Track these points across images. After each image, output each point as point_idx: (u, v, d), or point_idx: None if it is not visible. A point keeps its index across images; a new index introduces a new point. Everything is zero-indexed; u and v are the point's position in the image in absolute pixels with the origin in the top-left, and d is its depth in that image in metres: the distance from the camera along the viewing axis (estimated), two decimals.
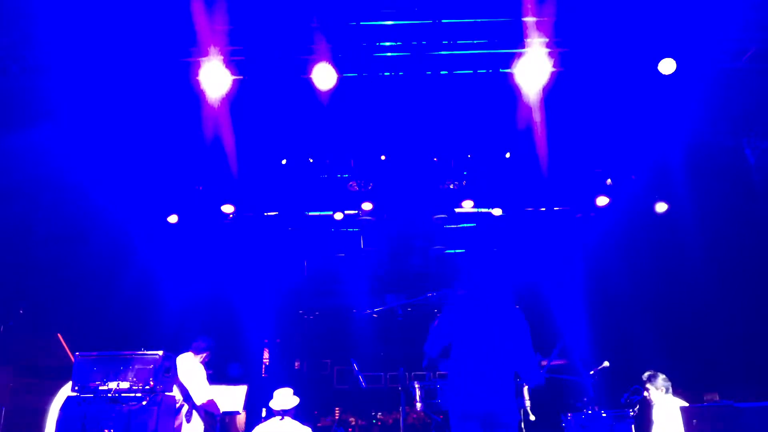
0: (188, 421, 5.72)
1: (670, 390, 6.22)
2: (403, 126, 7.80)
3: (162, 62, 6.51)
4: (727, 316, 8.18)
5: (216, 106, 6.63)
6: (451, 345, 4.39)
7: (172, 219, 9.67)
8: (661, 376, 6.25)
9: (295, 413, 6.02)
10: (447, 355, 4.44)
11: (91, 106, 7.05)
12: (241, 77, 6.64)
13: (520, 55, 6.36)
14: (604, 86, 6.98)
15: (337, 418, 12.54)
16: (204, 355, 6.10)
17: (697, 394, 8.62)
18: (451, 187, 9.44)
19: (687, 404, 5.74)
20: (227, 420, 7.90)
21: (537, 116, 7.05)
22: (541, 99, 6.76)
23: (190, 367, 5.84)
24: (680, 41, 6.35)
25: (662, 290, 9.44)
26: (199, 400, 5.75)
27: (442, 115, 7.63)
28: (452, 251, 11.32)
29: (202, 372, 5.88)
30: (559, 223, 10.52)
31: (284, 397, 5.93)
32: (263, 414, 8.58)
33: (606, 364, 6.87)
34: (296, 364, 13.12)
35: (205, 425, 5.80)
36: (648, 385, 6.26)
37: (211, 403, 5.91)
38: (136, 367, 4.57)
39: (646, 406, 6.37)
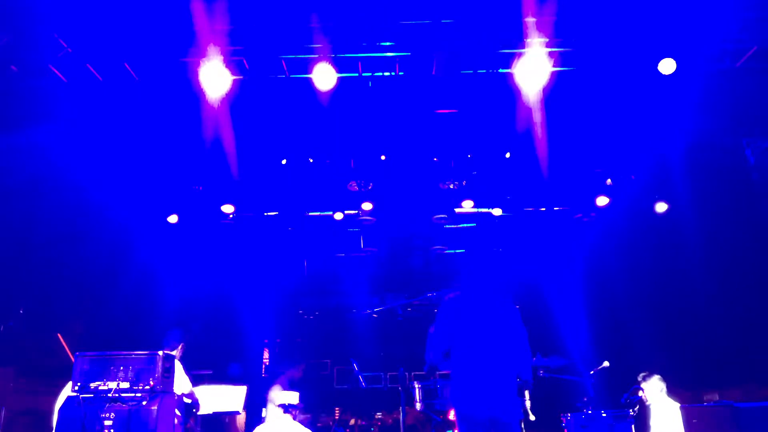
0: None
1: (665, 390, 6.25)
2: (403, 126, 7.79)
3: (162, 62, 6.51)
4: (728, 316, 8.17)
5: (216, 106, 6.63)
6: (452, 345, 4.38)
7: (172, 219, 9.68)
8: (656, 377, 6.29)
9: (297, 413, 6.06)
10: (448, 355, 4.44)
11: (92, 107, 7.05)
12: (241, 77, 6.65)
13: (520, 55, 6.37)
14: (605, 86, 6.98)
15: (337, 418, 12.54)
16: (179, 348, 6.12)
17: (697, 394, 8.63)
18: (451, 187, 9.44)
19: (679, 404, 5.75)
20: (227, 420, 7.91)
21: (537, 116, 7.05)
22: (541, 99, 6.76)
23: None
24: (680, 41, 6.35)
25: (662, 290, 9.44)
26: (179, 390, 5.75)
27: (442, 116, 7.63)
28: (452, 251, 11.33)
29: (178, 364, 5.89)
30: (559, 223, 10.51)
31: (289, 395, 6.00)
32: (263, 414, 8.58)
33: (606, 364, 6.88)
34: None
35: (182, 417, 5.78)
36: (643, 386, 6.30)
37: (192, 395, 5.92)
38: (136, 367, 4.57)
39: (646, 406, 6.39)
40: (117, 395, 4.44)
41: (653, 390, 6.26)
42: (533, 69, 6.27)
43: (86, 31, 6.20)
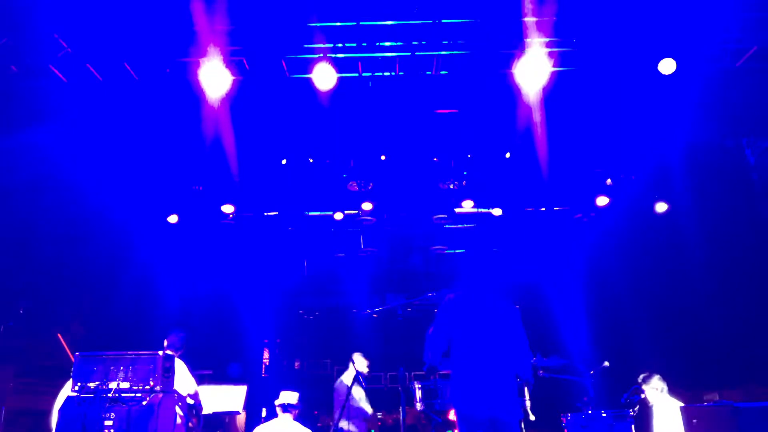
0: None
1: (666, 390, 6.24)
2: (403, 126, 7.79)
3: (162, 62, 6.51)
4: (727, 316, 8.17)
5: (216, 106, 6.63)
6: (451, 346, 4.38)
7: (172, 219, 9.68)
8: (656, 377, 6.28)
9: (298, 413, 6.05)
10: (448, 355, 4.44)
11: (92, 107, 7.06)
12: (241, 77, 6.65)
13: (520, 55, 6.37)
14: (605, 86, 6.98)
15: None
16: (180, 350, 6.10)
17: (697, 394, 8.63)
18: (451, 187, 9.44)
19: (683, 404, 5.75)
20: (227, 420, 7.90)
21: (537, 116, 7.05)
22: (541, 99, 6.76)
23: None
24: (680, 41, 6.35)
25: (662, 290, 9.44)
26: (184, 392, 5.75)
27: (442, 116, 7.63)
28: (452, 251, 11.33)
29: (183, 365, 5.88)
30: (559, 223, 10.52)
31: (289, 395, 5.99)
32: (263, 414, 8.58)
33: (606, 364, 6.88)
34: (296, 364, 13.12)
35: (185, 418, 5.78)
36: (644, 386, 6.29)
37: (196, 395, 5.92)
38: (136, 367, 4.57)
39: (646, 406, 6.38)
40: (117, 395, 4.44)
41: (655, 390, 6.26)
42: (533, 69, 6.27)
43: (86, 31, 6.20)
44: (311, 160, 8.82)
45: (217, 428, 7.47)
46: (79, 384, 4.53)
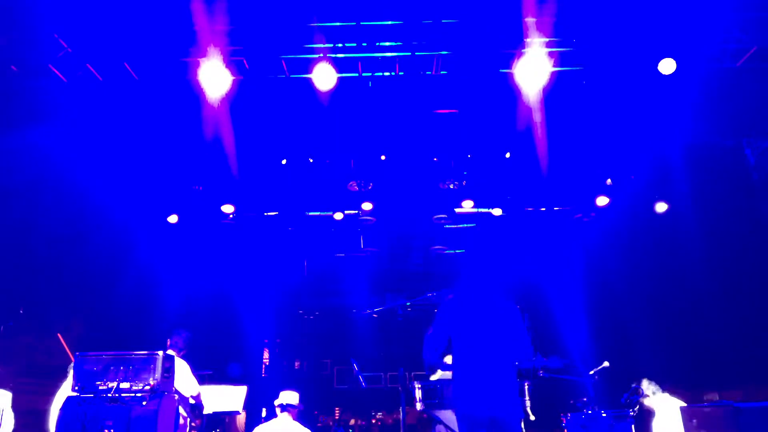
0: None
1: (659, 390, 6.29)
2: (403, 126, 7.80)
3: (162, 62, 6.51)
4: (727, 316, 8.17)
5: (216, 106, 6.64)
6: (451, 345, 4.38)
7: (172, 219, 9.68)
8: (645, 382, 6.35)
9: (297, 413, 6.05)
10: (444, 355, 4.44)
11: (92, 107, 7.06)
12: (241, 77, 6.65)
13: (520, 55, 6.37)
14: (605, 86, 6.98)
15: (337, 418, 12.55)
16: (183, 350, 6.10)
17: (697, 394, 8.63)
18: (451, 187, 9.44)
19: (683, 404, 5.76)
20: (227, 420, 7.91)
21: (537, 116, 7.05)
22: (541, 99, 6.76)
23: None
24: (680, 41, 6.35)
25: (662, 290, 9.44)
26: (187, 393, 5.75)
27: (442, 116, 7.63)
28: (452, 251, 11.33)
29: (186, 366, 5.88)
30: (559, 223, 10.52)
31: (289, 395, 6.00)
32: (263, 414, 8.59)
33: (606, 364, 6.88)
34: (296, 364, 13.14)
35: (189, 418, 5.78)
36: (641, 391, 6.36)
37: (198, 396, 5.92)
38: (136, 367, 4.56)
39: (647, 406, 6.40)
40: (117, 395, 4.44)
41: (650, 394, 6.30)
42: (533, 69, 6.27)
43: (86, 31, 6.20)
44: (311, 160, 8.82)
45: (217, 428, 7.48)
46: (79, 384, 4.52)
